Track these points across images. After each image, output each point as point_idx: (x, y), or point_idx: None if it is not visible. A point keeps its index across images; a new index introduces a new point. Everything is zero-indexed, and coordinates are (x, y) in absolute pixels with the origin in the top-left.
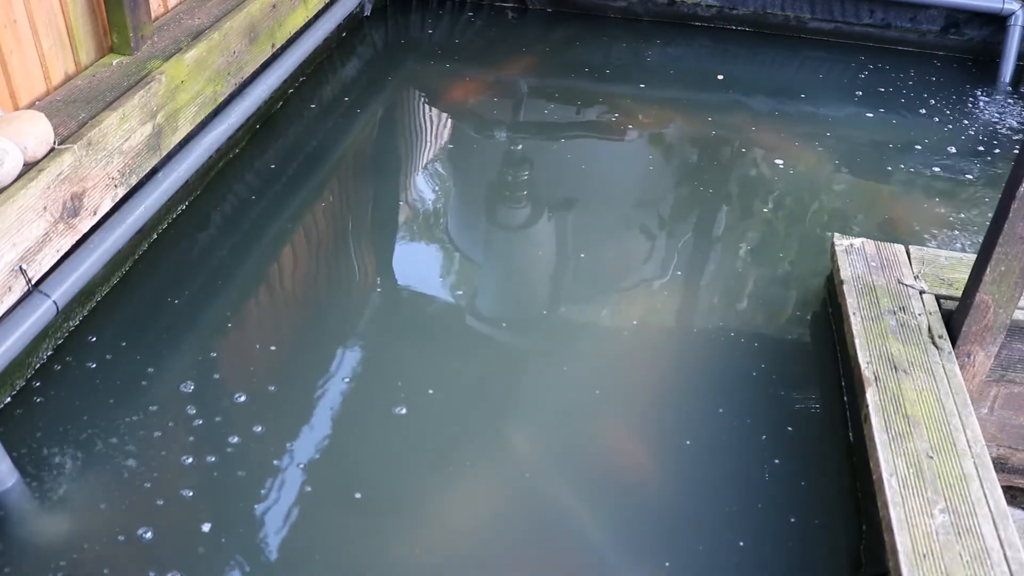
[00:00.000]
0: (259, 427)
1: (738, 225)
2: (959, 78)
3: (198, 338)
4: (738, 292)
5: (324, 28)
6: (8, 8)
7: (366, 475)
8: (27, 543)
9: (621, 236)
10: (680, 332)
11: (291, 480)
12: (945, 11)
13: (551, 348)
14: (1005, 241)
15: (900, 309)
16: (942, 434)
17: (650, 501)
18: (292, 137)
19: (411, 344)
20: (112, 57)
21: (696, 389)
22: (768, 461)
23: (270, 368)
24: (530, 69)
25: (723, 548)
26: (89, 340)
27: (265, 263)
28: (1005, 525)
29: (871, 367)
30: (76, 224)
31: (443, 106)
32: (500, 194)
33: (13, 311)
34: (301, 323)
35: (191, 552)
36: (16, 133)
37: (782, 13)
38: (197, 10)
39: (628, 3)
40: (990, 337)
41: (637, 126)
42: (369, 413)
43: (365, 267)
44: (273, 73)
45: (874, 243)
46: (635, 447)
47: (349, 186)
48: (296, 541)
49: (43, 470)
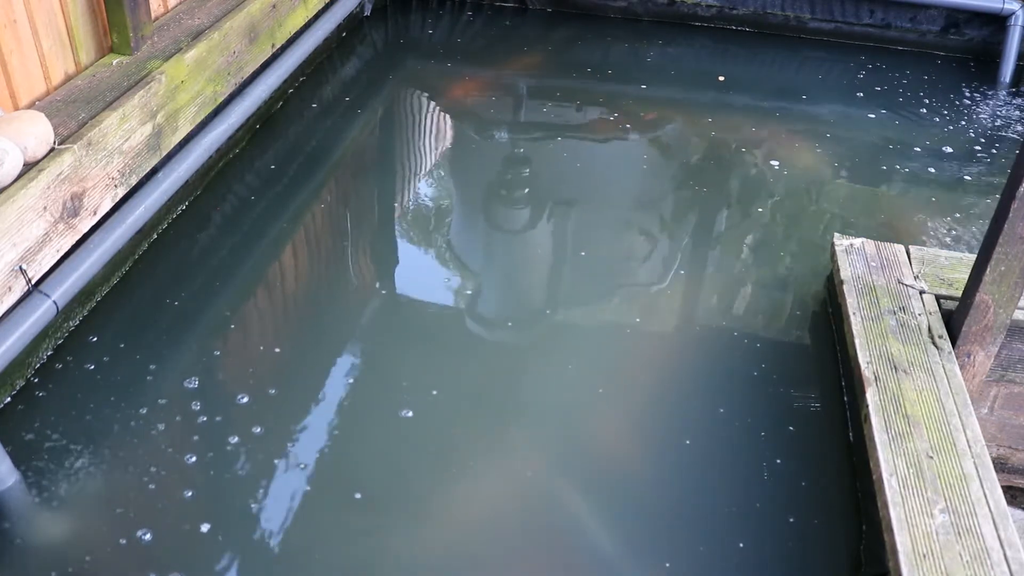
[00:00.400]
0: (260, 428)
1: (738, 225)
2: (959, 78)
3: (198, 338)
4: (738, 292)
5: (324, 28)
6: (8, 8)
7: (368, 476)
8: (27, 543)
9: (621, 235)
10: (680, 332)
11: (291, 480)
12: (945, 11)
13: (553, 348)
14: (1005, 241)
15: (900, 309)
16: (942, 434)
17: (650, 501)
18: (292, 137)
19: (412, 344)
20: (112, 57)
21: (696, 389)
22: (768, 461)
23: (271, 368)
24: (530, 69)
25: (723, 548)
26: (89, 340)
27: (265, 263)
28: (1005, 525)
29: (871, 367)
30: (76, 224)
31: (443, 106)
32: (500, 194)
33: (13, 311)
34: (302, 323)
35: (192, 552)
36: (16, 133)
37: (782, 13)
38: (197, 10)
39: (628, 3)
40: (990, 337)
41: (637, 126)
42: (370, 413)
43: (365, 267)
44: (273, 73)
45: (874, 243)
46: (636, 447)
47: (349, 186)
48: (297, 542)
49: (43, 470)
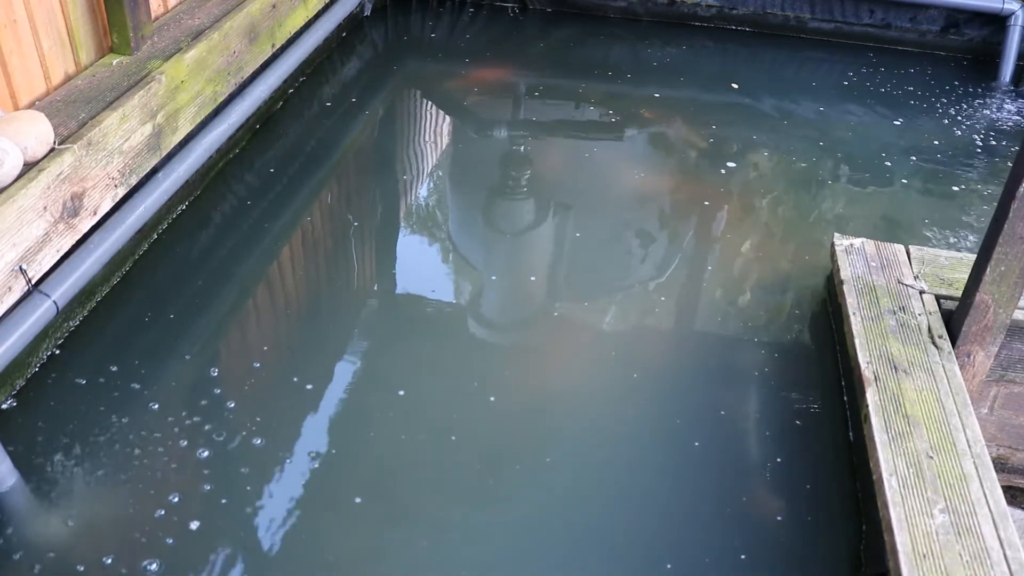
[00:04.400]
0: (259, 428)
1: (738, 225)
2: (959, 78)
3: (198, 338)
4: (738, 292)
5: (324, 28)
6: (8, 8)
7: (369, 477)
8: (27, 543)
9: (621, 235)
10: (680, 332)
11: (292, 480)
12: (945, 11)
13: (552, 348)
14: (1005, 241)
15: (900, 309)
16: (942, 434)
17: (650, 501)
18: (292, 137)
19: (412, 344)
20: (112, 57)
21: (697, 389)
22: (768, 461)
23: (272, 368)
24: (530, 68)
25: (723, 548)
26: (89, 340)
27: (265, 263)
28: (1005, 525)
29: (871, 367)
30: (76, 224)
31: (443, 105)
32: (500, 193)
33: (13, 311)
34: (302, 323)
35: (192, 552)
36: (16, 133)
37: (782, 13)
38: (197, 10)
39: (628, 3)
40: (990, 337)
41: (637, 125)
42: (371, 413)
43: (366, 267)
44: (273, 73)
45: (874, 243)
46: (635, 446)
47: (349, 186)
48: (297, 543)
49: (43, 470)
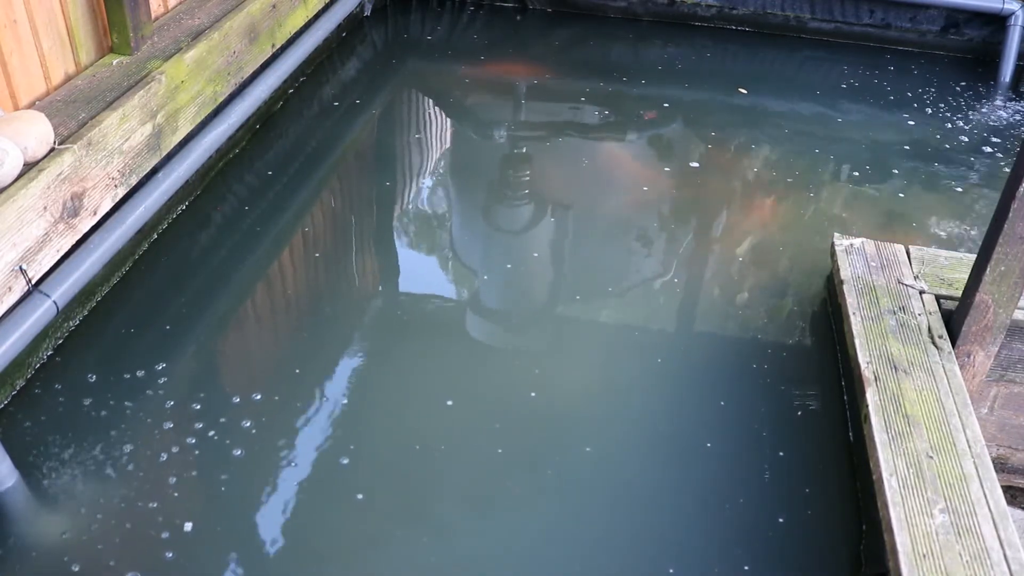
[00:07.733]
0: (260, 428)
1: (739, 225)
2: (959, 78)
3: (198, 339)
4: (738, 292)
5: (324, 28)
6: (8, 8)
7: (369, 477)
8: (27, 543)
9: (621, 235)
10: (680, 332)
11: (292, 481)
12: (945, 11)
13: (552, 348)
14: (1005, 241)
15: (900, 309)
16: (942, 434)
17: (650, 502)
18: (292, 137)
19: (412, 344)
20: (112, 57)
21: (696, 389)
22: (768, 461)
23: (272, 368)
24: (530, 69)
25: (723, 548)
26: (89, 340)
27: (265, 263)
28: (1005, 525)
29: (871, 367)
30: (76, 224)
31: (443, 106)
32: (500, 193)
33: (13, 311)
34: (302, 323)
35: (192, 552)
36: (16, 133)
37: (782, 13)
38: (197, 10)
39: (628, 3)
40: (990, 337)
41: (637, 125)
42: (372, 413)
43: (366, 266)
44: (273, 73)
45: (874, 243)
46: (634, 446)
47: (349, 186)
48: (297, 544)
49: (43, 470)
